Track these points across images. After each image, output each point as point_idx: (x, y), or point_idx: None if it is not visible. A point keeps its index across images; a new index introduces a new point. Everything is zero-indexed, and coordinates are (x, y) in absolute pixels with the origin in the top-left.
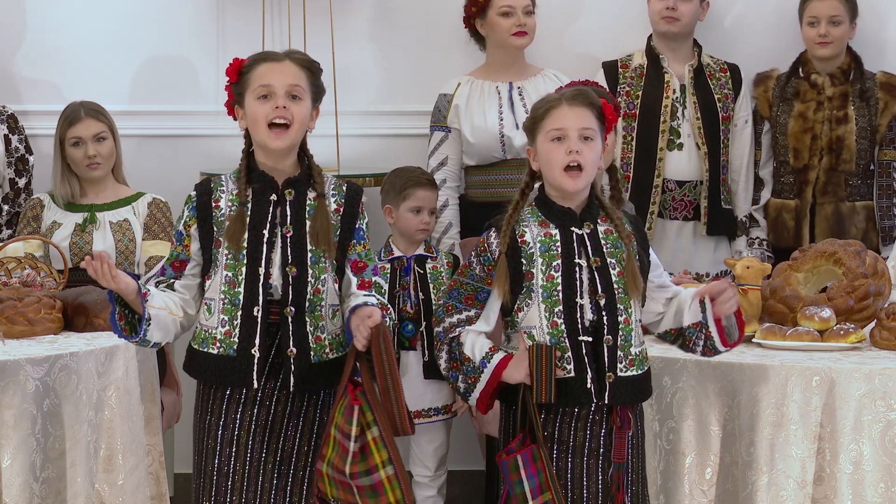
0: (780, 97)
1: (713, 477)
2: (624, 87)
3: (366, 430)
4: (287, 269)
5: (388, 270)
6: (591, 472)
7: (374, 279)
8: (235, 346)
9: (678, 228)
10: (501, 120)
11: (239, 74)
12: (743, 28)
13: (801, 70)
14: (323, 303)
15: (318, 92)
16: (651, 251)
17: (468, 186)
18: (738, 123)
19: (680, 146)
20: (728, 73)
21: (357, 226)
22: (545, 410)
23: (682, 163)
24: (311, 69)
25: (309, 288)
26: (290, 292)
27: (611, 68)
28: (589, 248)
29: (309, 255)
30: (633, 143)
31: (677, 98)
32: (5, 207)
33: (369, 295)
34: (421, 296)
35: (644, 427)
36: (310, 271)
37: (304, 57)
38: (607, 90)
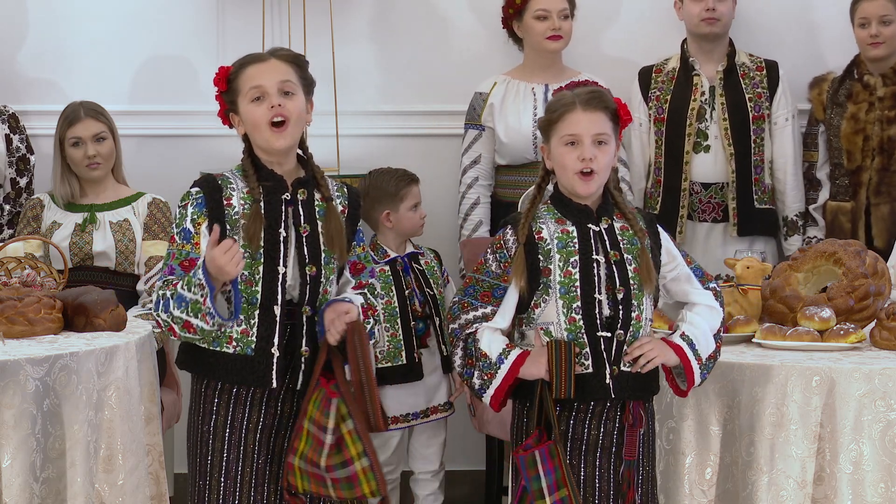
0: (833, 100)
1: (713, 477)
2: (654, 92)
3: (341, 423)
4: (307, 268)
5: (389, 273)
6: (604, 470)
7: (370, 280)
8: (253, 346)
9: (707, 231)
10: (535, 122)
11: (227, 82)
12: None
13: (854, 72)
14: None
15: (308, 85)
16: (672, 244)
17: (498, 186)
18: (779, 122)
19: (707, 148)
20: (764, 72)
21: (358, 228)
22: (559, 407)
23: (708, 165)
24: (298, 63)
25: (320, 288)
26: (308, 292)
27: (645, 74)
28: (607, 243)
29: (322, 255)
30: (662, 146)
31: (706, 100)
32: (7, 207)
33: (358, 294)
34: (428, 292)
35: (654, 426)
36: (322, 272)
37: (289, 52)
38: (610, 92)
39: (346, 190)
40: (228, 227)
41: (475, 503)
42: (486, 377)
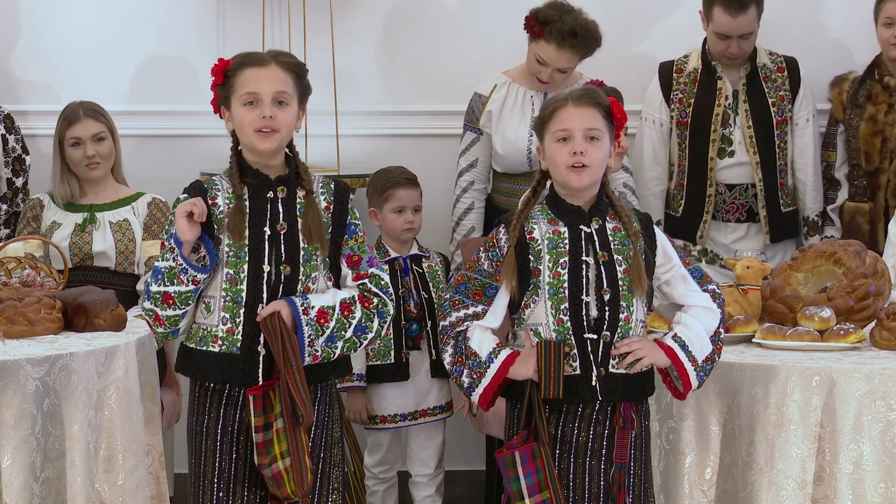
0: (852, 100)
1: (713, 477)
2: (677, 95)
3: (274, 421)
4: (282, 267)
5: (388, 271)
6: (593, 473)
7: (370, 271)
8: (239, 344)
9: (732, 230)
10: (531, 136)
11: (224, 77)
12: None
13: (875, 73)
14: None
15: (304, 93)
16: (668, 245)
17: (495, 191)
18: (800, 122)
19: (731, 153)
20: (785, 73)
21: (348, 221)
22: (549, 409)
23: (732, 169)
24: (297, 71)
25: (299, 286)
26: (281, 290)
27: (666, 71)
28: (597, 243)
29: (301, 253)
30: (686, 150)
31: (730, 105)
32: (3, 207)
33: (359, 284)
34: (424, 294)
35: (650, 426)
36: (301, 269)
37: (290, 60)
38: (618, 91)
39: (332, 186)
40: (216, 226)
41: (475, 503)
42: (475, 376)
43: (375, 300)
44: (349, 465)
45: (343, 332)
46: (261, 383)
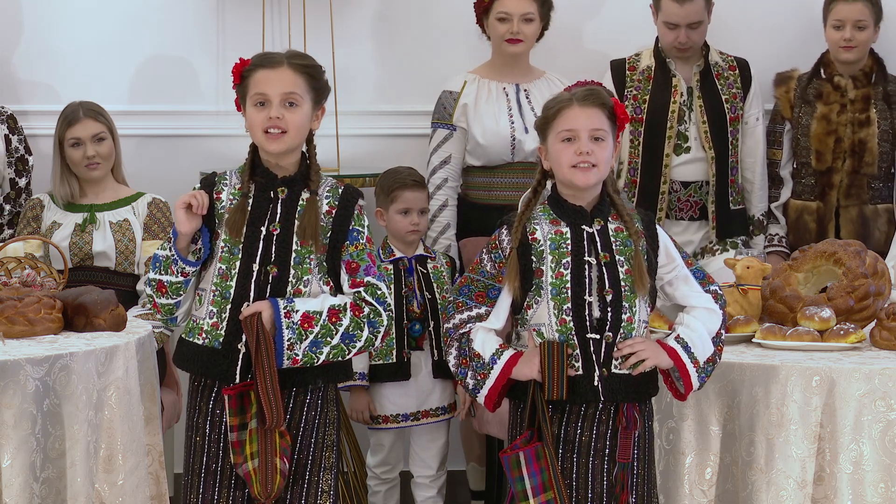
0: (801, 98)
1: (713, 477)
2: (631, 91)
3: (249, 421)
4: (268, 267)
5: (392, 272)
6: (597, 473)
7: (367, 279)
8: (221, 340)
9: (684, 228)
10: (512, 123)
11: (241, 77)
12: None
13: (822, 71)
14: None
15: (319, 93)
16: (671, 245)
17: (470, 188)
18: (749, 122)
19: (687, 150)
20: (737, 71)
21: (351, 227)
22: (552, 409)
23: (688, 166)
24: (310, 73)
25: (289, 288)
26: (269, 291)
27: (618, 69)
28: (598, 244)
29: (293, 255)
30: (640, 147)
31: (684, 101)
32: (7, 207)
33: (355, 292)
34: (427, 295)
35: (652, 426)
36: (292, 271)
37: (304, 61)
38: (613, 93)
39: (340, 190)
40: (217, 220)
41: None
42: (479, 377)
43: (367, 309)
44: (349, 465)
45: (329, 339)
46: (238, 381)
